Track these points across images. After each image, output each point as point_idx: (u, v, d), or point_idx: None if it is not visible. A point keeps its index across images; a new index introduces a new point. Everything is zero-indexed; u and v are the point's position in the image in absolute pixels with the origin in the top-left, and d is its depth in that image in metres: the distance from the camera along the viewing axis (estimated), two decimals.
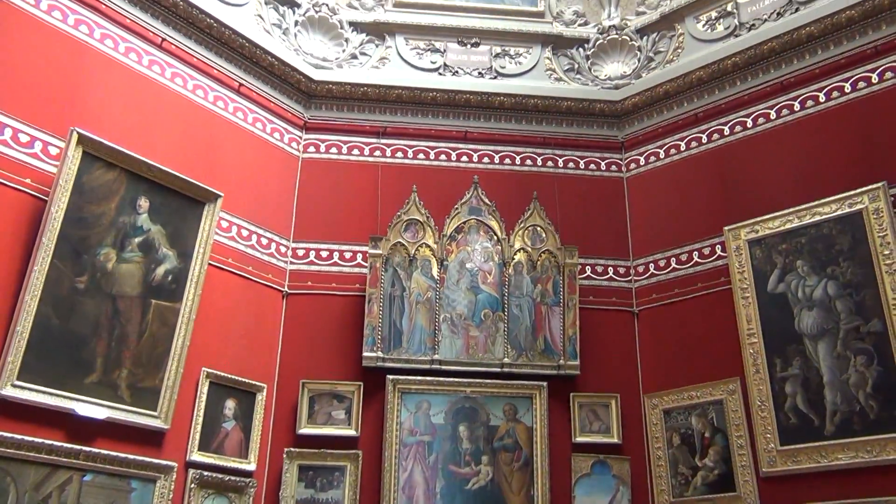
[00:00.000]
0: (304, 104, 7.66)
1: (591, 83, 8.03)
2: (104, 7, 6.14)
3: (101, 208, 5.50)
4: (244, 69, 7.17)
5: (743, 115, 7.06)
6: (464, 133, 7.77)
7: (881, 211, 5.75)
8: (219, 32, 6.88)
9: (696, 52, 7.53)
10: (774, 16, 7.06)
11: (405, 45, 8.07)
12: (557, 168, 7.74)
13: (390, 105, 7.76)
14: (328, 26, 7.88)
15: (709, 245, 6.90)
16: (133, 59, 6.28)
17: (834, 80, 6.54)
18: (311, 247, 7.20)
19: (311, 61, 7.70)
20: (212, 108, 6.81)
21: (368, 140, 7.69)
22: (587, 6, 8.35)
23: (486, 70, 8.04)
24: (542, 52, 8.14)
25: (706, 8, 7.59)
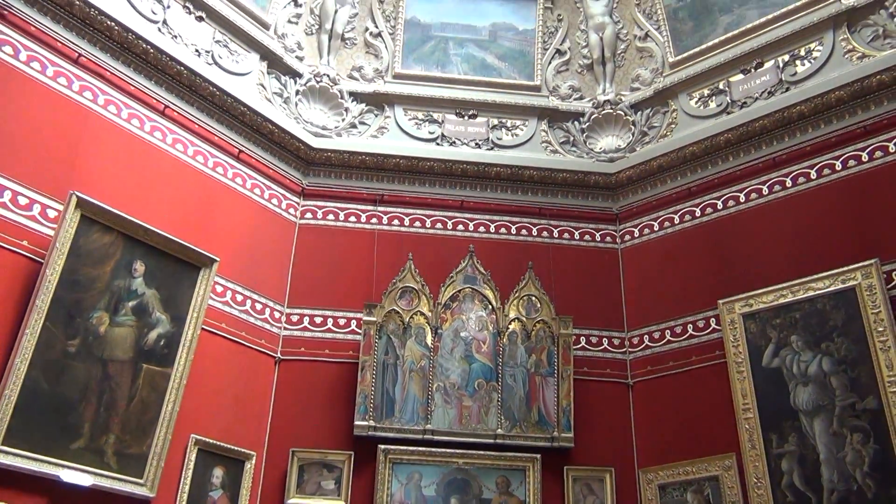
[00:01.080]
0: (302, 171, 7.75)
1: (586, 156, 8.15)
2: (109, 74, 6.26)
3: (97, 271, 5.50)
4: (245, 136, 7.27)
5: (736, 190, 7.15)
6: (460, 202, 7.85)
7: (874, 288, 5.78)
8: (221, 100, 7.01)
9: (689, 128, 7.67)
10: (766, 94, 7.22)
11: (404, 115, 8.21)
12: (553, 238, 7.80)
13: (388, 173, 7.86)
14: (329, 96, 8.03)
15: (703, 318, 6.90)
16: (135, 125, 6.37)
17: (825, 158, 6.65)
18: (306, 313, 7.18)
19: (311, 129, 7.82)
20: (211, 174, 6.88)
21: (365, 207, 7.75)
22: (582, 81, 8.54)
23: (483, 141, 8.17)
24: (539, 124, 8.28)
25: (699, 86, 7.77)
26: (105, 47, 6.28)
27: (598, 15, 8.54)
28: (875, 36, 6.70)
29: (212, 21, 7.21)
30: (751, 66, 7.42)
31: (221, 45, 7.28)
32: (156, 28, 6.67)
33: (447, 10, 8.69)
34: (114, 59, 6.33)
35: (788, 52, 7.21)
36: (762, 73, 7.33)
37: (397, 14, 8.56)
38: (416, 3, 8.65)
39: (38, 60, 5.81)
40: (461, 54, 8.58)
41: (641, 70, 8.28)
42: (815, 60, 6.99)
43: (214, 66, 7.12)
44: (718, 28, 7.79)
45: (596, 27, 8.52)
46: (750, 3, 7.60)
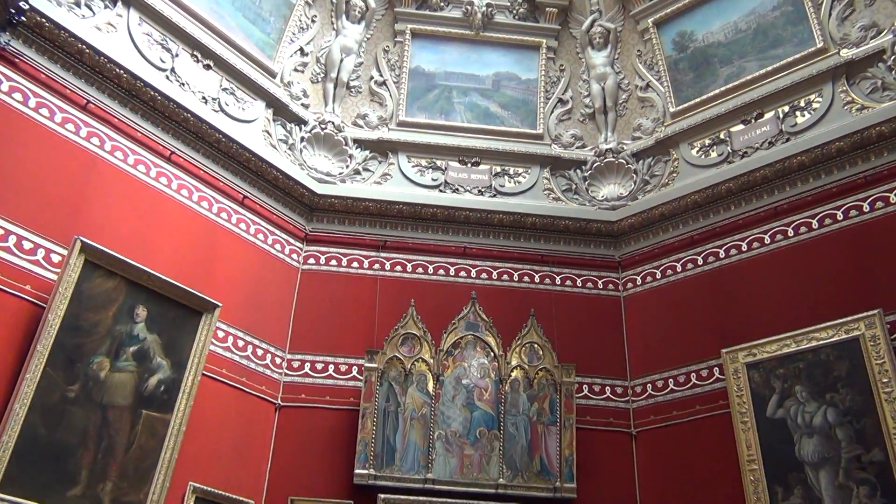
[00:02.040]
0: (306, 217, 7.79)
1: (588, 203, 8.19)
2: (117, 121, 6.34)
3: (99, 316, 5.50)
4: (249, 182, 7.33)
5: (738, 239, 7.17)
6: (463, 249, 7.87)
7: (878, 338, 5.76)
8: (227, 146, 7.08)
9: (690, 177, 7.72)
10: (766, 145, 7.28)
11: (407, 162, 8.28)
12: (555, 285, 7.79)
13: (391, 220, 7.90)
14: (333, 143, 8.11)
15: (706, 367, 6.86)
16: (141, 171, 6.43)
17: (826, 208, 6.68)
18: (307, 358, 7.16)
19: (315, 175, 7.89)
20: (215, 220, 6.92)
21: (368, 253, 7.77)
22: (584, 130, 8.63)
23: (486, 188, 8.23)
24: (541, 172, 8.34)
25: (700, 135, 7.85)
26: (113, 94, 6.37)
27: (599, 65, 8.66)
28: (874, 88, 6.78)
29: (219, 69, 7.32)
30: (751, 116, 7.50)
31: (228, 93, 7.38)
32: (164, 76, 6.77)
33: (451, 59, 8.81)
34: (121, 105, 6.42)
35: (788, 103, 7.29)
36: (762, 124, 7.40)
37: (402, 63, 8.68)
38: (421, 53, 8.78)
39: (47, 107, 5.89)
40: (465, 103, 8.68)
41: (643, 119, 8.37)
42: (815, 111, 7.07)
43: (221, 113, 7.21)
44: (719, 79, 7.89)
45: (598, 77, 8.64)
46: (749, 55, 7.71)
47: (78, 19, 6.21)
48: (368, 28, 8.68)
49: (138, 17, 6.74)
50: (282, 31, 7.99)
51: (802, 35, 7.38)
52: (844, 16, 7.19)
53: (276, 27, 7.94)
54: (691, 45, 8.17)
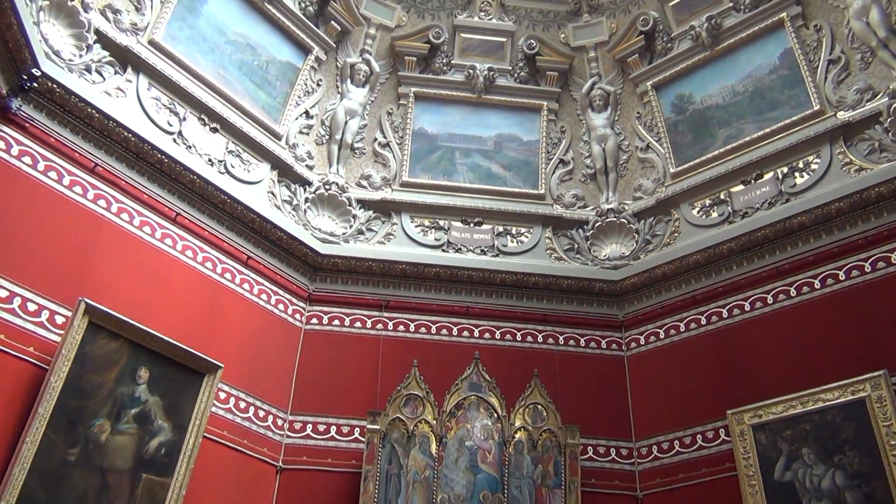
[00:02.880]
0: (309, 277, 7.82)
1: (590, 263, 8.22)
2: (123, 183, 6.43)
3: (101, 378, 5.48)
4: (253, 242, 7.38)
5: (741, 299, 7.17)
6: (466, 308, 7.87)
7: (884, 399, 5.71)
8: (232, 208, 7.15)
9: (692, 237, 7.77)
10: (766, 205, 7.34)
11: (410, 222, 8.34)
12: (558, 345, 7.77)
13: (394, 279, 7.92)
14: (337, 203, 8.19)
15: (712, 428, 6.79)
16: (146, 232, 6.48)
17: (828, 268, 6.70)
18: (309, 420, 7.10)
19: (319, 236, 7.94)
20: (219, 280, 6.95)
21: (371, 313, 7.78)
22: (586, 190, 8.71)
23: (489, 248, 8.27)
24: (543, 232, 8.40)
25: (700, 196, 7.92)
26: (121, 157, 6.47)
27: (599, 127, 8.80)
28: (871, 150, 6.87)
29: (226, 132, 7.45)
30: (751, 177, 7.58)
31: (234, 155, 7.49)
32: (171, 139, 6.89)
33: (453, 121, 8.96)
34: (129, 168, 6.51)
35: (787, 164, 7.38)
36: (762, 185, 7.48)
37: (405, 125, 8.83)
38: (424, 115, 8.94)
39: (56, 170, 5.98)
40: (467, 163, 8.79)
41: (644, 180, 8.46)
42: (814, 172, 7.15)
43: (226, 174, 7.31)
44: (718, 140, 8.00)
45: (598, 138, 8.76)
46: (747, 117, 7.83)
47: (88, 85, 6.35)
48: (373, 91, 8.85)
49: (147, 83, 6.89)
50: (287, 95, 8.15)
51: (799, 98, 7.51)
52: (840, 79, 7.33)
53: (281, 91, 8.10)
54: (690, 107, 8.32)
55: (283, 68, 8.15)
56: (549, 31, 9.16)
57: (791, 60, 7.67)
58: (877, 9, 7.00)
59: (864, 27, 7.09)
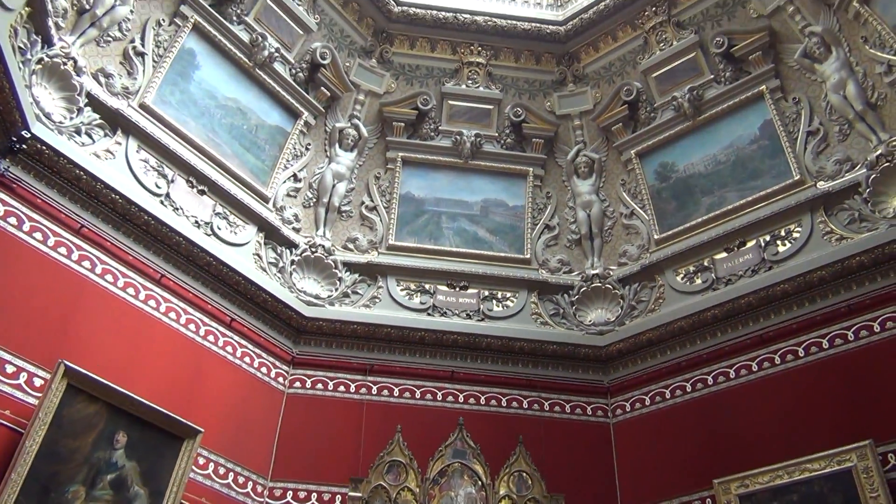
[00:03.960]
0: (293, 339, 7.76)
1: (576, 328, 8.22)
2: (109, 244, 6.42)
3: (78, 443, 5.37)
4: (238, 304, 7.34)
5: (725, 366, 7.16)
6: (450, 373, 7.82)
7: (870, 470, 5.66)
8: (217, 270, 7.14)
9: (676, 303, 7.80)
10: (750, 273, 7.41)
11: (396, 286, 8.34)
12: (543, 411, 7.71)
13: (379, 343, 7.88)
14: (323, 266, 8.20)
15: (699, 498, 6.71)
16: (130, 294, 6.45)
17: (811, 336, 6.73)
18: (289, 486, 6.96)
19: (304, 298, 7.92)
20: (202, 342, 6.89)
21: (355, 377, 7.71)
22: (571, 255, 8.77)
23: (474, 312, 8.26)
24: (529, 296, 8.41)
25: (684, 262, 7.99)
26: (107, 218, 6.47)
27: (584, 193, 8.91)
28: (851, 219, 6.97)
29: (213, 194, 7.48)
30: (734, 245, 7.66)
31: (221, 217, 7.51)
32: (159, 201, 6.91)
33: (440, 186, 9.05)
34: (115, 229, 6.51)
35: (769, 232, 7.47)
36: (745, 252, 7.55)
37: (393, 189, 8.91)
38: (411, 179, 9.02)
39: (41, 231, 5.97)
40: (453, 228, 8.85)
41: (628, 246, 8.53)
42: (796, 241, 7.24)
43: (213, 236, 7.32)
44: (701, 208, 8.11)
45: (583, 204, 8.86)
46: (729, 185, 7.96)
47: (77, 147, 6.40)
48: (361, 156, 8.95)
49: (137, 145, 6.95)
50: (276, 158, 8.22)
51: (780, 168, 7.66)
52: (819, 150, 7.49)
53: (270, 154, 8.18)
54: (673, 175, 8.45)
55: (273, 132, 8.25)
56: (535, 99, 9.33)
57: (771, 131, 7.84)
58: (853, 83, 7.20)
59: (841, 100, 7.28)
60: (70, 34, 6.52)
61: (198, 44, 7.65)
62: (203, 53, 7.69)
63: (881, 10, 6.78)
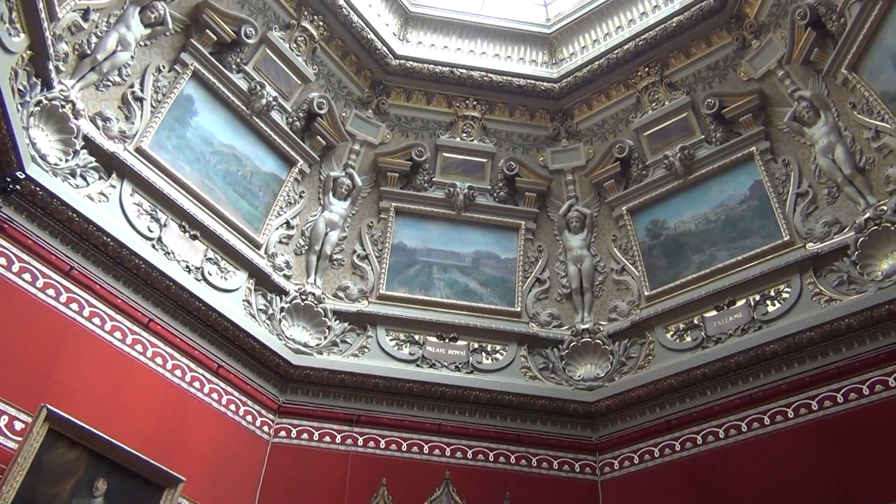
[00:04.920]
0: (280, 388, 7.69)
1: (565, 383, 8.18)
2: (98, 287, 6.38)
3: (57, 489, 5.27)
4: (225, 351, 7.29)
5: (714, 426, 7.12)
6: (438, 425, 7.74)
7: None
8: (206, 315, 7.09)
9: (666, 360, 7.78)
10: (739, 332, 7.42)
11: (385, 335, 8.30)
12: (531, 467, 7.61)
13: (366, 393, 7.80)
14: (312, 314, 8.16)
15: None
16: (117, 338, 6.39)
17: (800, 398, 6.70)
18: None
19: (293, 346, 7.86)
20: (187, 389, 6.81)
21: (341, 427, 7.61)
22: (562, 309, 8.77)
23: (463, 364, 8.21)
24: (518, 350, 8.38)
25: (674, 320, 7.99)
26: (97, 261, 6.45)
27: (576, 248, 8.95)
28: (840, 281, 7.02)
29: (205, 239, 7.48)
30: (723, 303, 7.69)
31: (212, 262, 7.49)
32: (150, 244, 6.91)
33: (432, 237, 9.08)
34: (105, 272, 6.49)
35: (759, 292, 7.50)
36: (735, 311, 7.57)
37: (385, 239, 8.93)
38: (404, 230, 9.06)
39: (30, 272, 5.94)
40: (445, 279, 8.85)
41: (619, 302, 8.55)
42: (785, 301, 7.27)
43: (203, 282, 7.30)
44: (691, 266, 8.15)
45: (574, 259, 8.90)
46: (719, 244, 8.02)
47: (71, 189, 6.41)
48: (354, 205, 8.98)
49: (131, 189, 6.97)
50: (270, 205, 8.25)
51: (769, 228, 7.73)
52: (808, 212, 7.57)
53: (264, 201, 8.21)
54: (664, 232, 8.51)
55: (267, 179, 8.29)
56: (529, 153, 9.44)
57: (761, 192, 7.94)
58: (841, 147, 7.32)
59: (830, 164, 7.39)
60: (70, 78, 6.58)
61: (196, 90, 7.74)
62: (201, 100, 7.77)
63: (869, 77, 6.92)
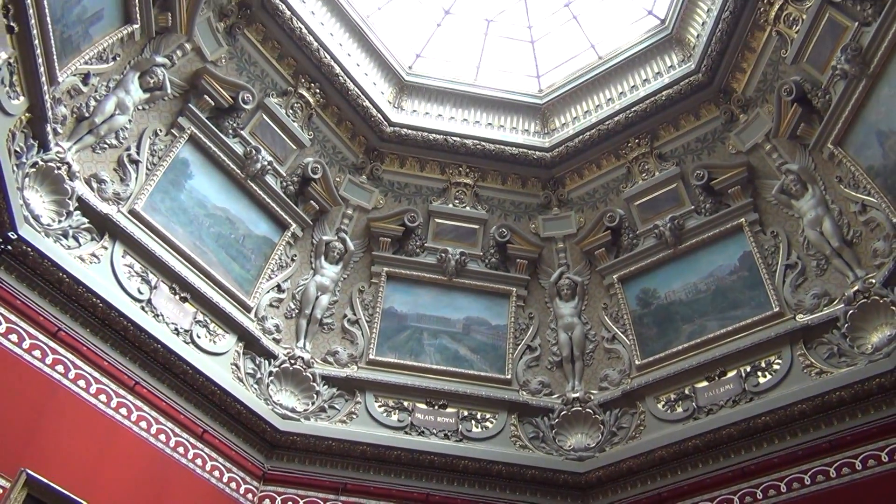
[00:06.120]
0: (265, 454, 7.55)
1: (555, 453, 8.06)
2: (85, 349, 6.32)
3: None
4: (211, 415, 7.18)
5: (707, 499, 7.02)
6: (426, 495, 7.60)
7: None
8: (193, 378, 7.02)
9: (657, 431, 7.71)
10: (730, 403, 7.37)
11: (374, 402, 8.21)
12: None
13: (353, 461, 7.68)
14: (301, 379, 8.08)
15: None
16: (102, 401, 6.30)
17: (793, 472, 6.62)
18: None
19: (279, 411, 7.75)
20: (170, 454, 6.69)
21: (327, 496, 7.47)
22: (552, 377, 8.71)
23: (452, 432, 8.11)
24: (508, 418, 8.29)
25: (665, 390, 7.94)
26: (86, 322, 6.40)
27: (567, 315, 8.94)
28: (831, 353, 7.02)
29: (195, 302, 7.46)
30: (714, 374, 7.66)
31: (201, 325, 7.45)
32: (140, 307, 6.87)
33: (424, 302, 9.07)
34: (92, 334, 6.43)
35: (749, 363, 7.49)
36: (726, 382, 7.54)
37: (376, 303, 8.91)
38: (395, 295, 9.04)
39: (17, 332, 5.90)
40: (435, 345, 8.80)
41: (609, 370, 8.50)
42: (776, 373, 7.25)
43: (191, 344, 7.24)
44: (682, 336, 8.15)
45: (565, 327, 8.88)
46: (710, 314, 8.04)
47: (63, 249, 6.41)
48: (346, 269, 8.99)
49: (123, 250, 6.97)
50: (261, 268, 8.26)
51: (759, 299, 7.76)
52: (797, 283, 7.62)
53: (256, 264, 8.22)
54: (655, 301, 8.53)
55: (260, 242, 8.31)
56: (521, 221, 9.51)
57: (750, 263, 8.00)
58: (829, 220, 7.41)
59: (818, 236, 7.48)
60: (67, 140, 6.65)
61: (192, 154, 7.82)
62: (197, 163, 7.84)
63: (854, 152, 7.06)
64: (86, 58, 6.53)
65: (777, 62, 7.78)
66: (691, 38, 8.62)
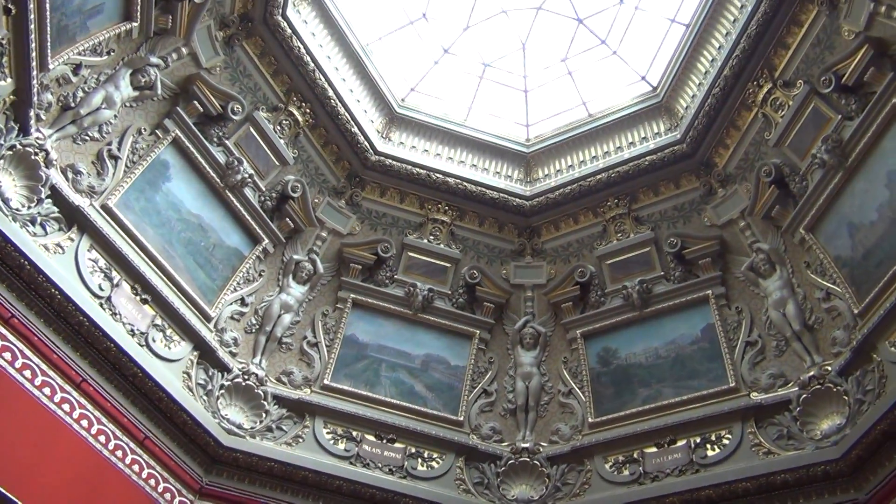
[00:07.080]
0: (205, 468, 7.42)
1: (497, 501, 8.03)
2: (36, 339, 6.19)
3: None
4: (155, 422, 7.05)
5: None
6: None
7: None
8: (142, 382, 6.90)
9: (601, 491, 7.70)
10: (677, 472, 7.39)
11: (323, 427, 8.11)
12: None
13: (294, 486, 7.56)
14: (252, 395, 7.97)
15: None
16: (45, 394, 6.16)
17: None
18: None
19: (225, 426, 7.63)
20: (107, 457, 6.54)
21: None
22: (504, 424, 8.67)
23: (398, 468, 8.02)
24: (455, 460, 8.22)
25: (614, 451, 7.94)
26: (41, 312, 6.27)
27: (526, 364, 8.94)
28: (780, 435, 7.08)
29: (155, 305, 7.36)
30: (664, 441, 7.67)
31: (158, 329, 7.35)
32: (98, 303, 6.77)
33: (386, 333, 9.02)
34: (46, 325, 6.30)
35: (700, 434, 7.52)
36: (675, 450, 7.56)
37: (338, 329, 8.85)
38: (358, 322, 8.99)
39: None
40: (392, 378, 8.74)
41: (562, 424, 8.48)
42: (725, 447, 7.29)
43: (146, 348, 7.13)
44: (637, 398, 8.18)
45: (523, 375, 8.87)
46: (667, 381, 8.09)
47: (28, 236, 6.30)
48: (312, 290, 8.93)
49: (89, 244, 6.88)
50: (227, 280, 8.18)
51: (717, 372, 7.83)
52: (756, 361, 7.71)
53: (222, 275, 8.15)
54: (615, 361, 8.58)
55: (229, 253, 8.25)
56: (493, 265, 9.54)
57: (712, 335, 8.08)
58: (793, 303, 7.53)
59: (780, 318, 7.58)
60: (49, 127, 6.58)
61: (173, 157, 7.77)
62: (177, 167, 7.80)
63: (824, 240, 7.21)
64: (80, 49, 6.51)
65: (760, 143, 7.95)
66: (680, 109, 8.79)
